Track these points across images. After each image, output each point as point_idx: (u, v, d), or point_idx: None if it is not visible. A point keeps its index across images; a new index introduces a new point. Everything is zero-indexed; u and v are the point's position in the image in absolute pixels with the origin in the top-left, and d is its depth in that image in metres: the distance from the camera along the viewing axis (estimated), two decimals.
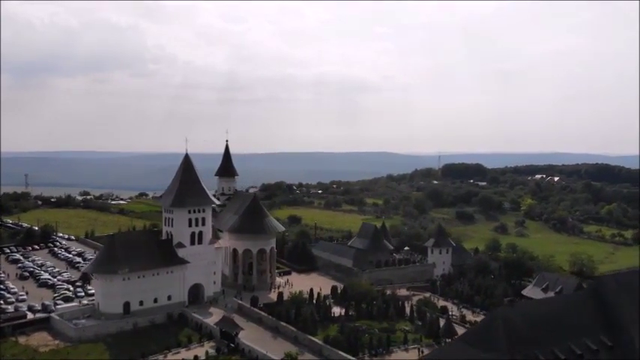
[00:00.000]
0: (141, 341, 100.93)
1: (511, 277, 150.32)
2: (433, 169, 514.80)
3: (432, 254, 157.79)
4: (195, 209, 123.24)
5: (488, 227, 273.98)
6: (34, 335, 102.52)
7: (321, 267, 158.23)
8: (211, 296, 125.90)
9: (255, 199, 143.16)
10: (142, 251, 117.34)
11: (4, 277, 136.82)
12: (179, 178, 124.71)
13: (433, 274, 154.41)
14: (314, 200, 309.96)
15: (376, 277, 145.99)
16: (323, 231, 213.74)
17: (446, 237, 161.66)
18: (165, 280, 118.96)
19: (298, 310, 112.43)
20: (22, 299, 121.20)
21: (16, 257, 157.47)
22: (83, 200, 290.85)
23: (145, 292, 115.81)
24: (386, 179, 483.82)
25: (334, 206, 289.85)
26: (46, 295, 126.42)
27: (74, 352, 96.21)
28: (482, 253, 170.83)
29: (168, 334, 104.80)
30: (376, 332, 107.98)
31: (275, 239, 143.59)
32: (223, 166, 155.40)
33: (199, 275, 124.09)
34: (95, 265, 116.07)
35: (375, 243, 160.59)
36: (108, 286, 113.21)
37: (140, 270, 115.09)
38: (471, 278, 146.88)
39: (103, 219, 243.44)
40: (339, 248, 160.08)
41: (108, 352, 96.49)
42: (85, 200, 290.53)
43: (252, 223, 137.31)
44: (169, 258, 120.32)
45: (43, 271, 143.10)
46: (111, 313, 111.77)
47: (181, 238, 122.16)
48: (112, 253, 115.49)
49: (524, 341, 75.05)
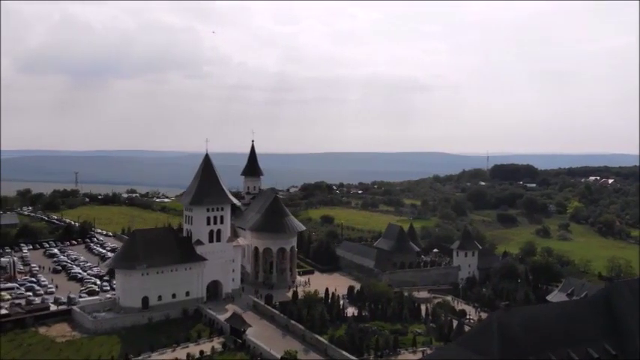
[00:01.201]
0: (153, 335, 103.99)
1: (539, 282, 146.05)
2: (481, 170, 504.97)
3: (457, 257, 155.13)
4: (213, 208, 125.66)
5: (529, 230, 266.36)
6: (54, 326, 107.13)
7: (343, 267, 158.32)
8: (229, 293, 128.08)
9: (276, 199, 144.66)
10: (161, 248, 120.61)
11: (38, 271, 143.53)
12: (199, 177, 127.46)
13: (458, 277, 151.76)
14: (351, 200, 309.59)
15: (398, 278, 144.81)
16: (355, 231, 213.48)
17: (472, 239, 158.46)
18: (183, 276, 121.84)
19: (310, 309, 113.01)
20: (50, 292, 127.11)
21: (53, 252, 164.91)
22: (128, 198, 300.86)
23: (163, 288, 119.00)
24: (431, 180, 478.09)
25: (371, 207, 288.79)
26: (75, 288, 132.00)
27: (89, 343, 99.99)
28: (511, 257, 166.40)
29: (181, 329, 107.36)
30: (386, 333, 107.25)
31: (295, 238, 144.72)
32: (249, 166, 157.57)
33: (217, 272, 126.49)
34: (115, 261, 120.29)
35: (400, 244, 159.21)
36: (127, 280, 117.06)
37: (159, 266, 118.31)
38: (495, 282, 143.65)
39: (144, 216, 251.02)
40: (363, 249, 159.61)
41: (120, 345, 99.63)
42: (129, 198, 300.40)
43: (273, 222, 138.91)
44: (188, 255, 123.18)
45: (75, 266, 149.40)
46: (130, 307, 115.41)
47: (200, 236, 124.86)
48: (133, 249, 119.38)
49: (519, 346, 73.34)
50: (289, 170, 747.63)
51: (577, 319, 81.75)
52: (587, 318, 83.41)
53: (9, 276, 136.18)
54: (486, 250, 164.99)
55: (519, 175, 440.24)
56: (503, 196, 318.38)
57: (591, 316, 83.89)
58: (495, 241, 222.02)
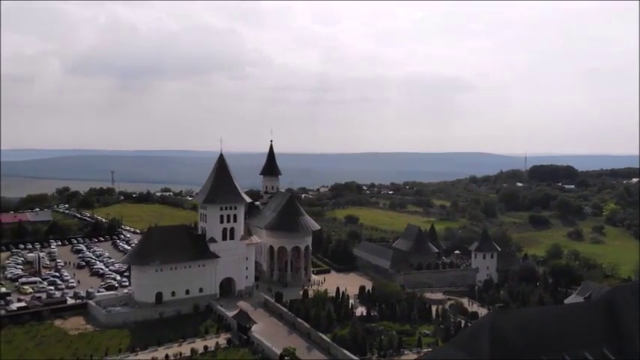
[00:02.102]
0: (163, 329, 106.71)
1: (558, 285, 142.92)
2: (519, 171, 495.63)
3: (475, 258, 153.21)
4: (226, 206, 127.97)
5: (562, 233, 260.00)
6: (70, 319, 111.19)
7: (360, 267, 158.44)
8: (243, 290, 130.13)
9: (291, 199, 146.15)
10: (175, 245, 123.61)
11: (63, 266, 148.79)
12: (213, 176, 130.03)
13: (475, 279, 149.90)
14: (379, 201, 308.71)
15: (412, 279, 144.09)
16: (378, 232, 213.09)
17: (490, 241, 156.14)
18: (196, 272, 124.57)
19: (317, 308, 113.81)
20: (71, 286, 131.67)
21: (79, 248, 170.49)
22: (161, 196, 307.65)
23: (176, 284, 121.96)
24: (467, 181, 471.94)
25: (399, 207, 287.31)
26: (96, 283, 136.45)
27: (99, 336, 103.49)
28: (532, 259, 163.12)
29: (190, 325, 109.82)
30: (393, 334, 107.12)
31: (310, 238, 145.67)
32: (267, 166, 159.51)
33: (231, 269, 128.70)
34: (130, 257, 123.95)
35: (418, 245, 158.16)
36: (141, 276, 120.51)
37: (172, 262, 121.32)
38: (511, 284, 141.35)
39: (174, 214, 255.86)
40: (379, 249, 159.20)
41: (129, 338, 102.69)
42: (162, 196, 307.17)
43: (287, 221, 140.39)
44: (202, 252, 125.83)
45: (99, 261, 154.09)
46: (144, 302, 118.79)
47: (213, 234, 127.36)
48: (147, 245, 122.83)
49: (510, 347, 72.42)
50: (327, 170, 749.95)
51: (576, 323, 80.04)
52: (587, 321, 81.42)
53: (34, 270, 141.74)
54: (507, 252, 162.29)
55: (558, 176, 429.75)
56: (538, 198, 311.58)
57: (591, 320, 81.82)
58: (523, 243, 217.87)
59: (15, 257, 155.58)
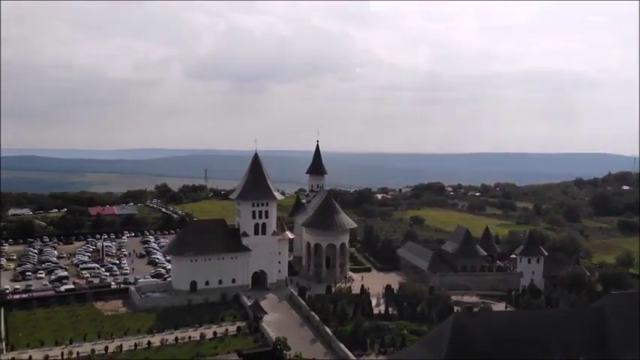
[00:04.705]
0: (186, 315, 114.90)
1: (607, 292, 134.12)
2: (629, 173, 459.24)
3: (520, 263, 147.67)
4: (258, 203, 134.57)
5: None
6: (110, 302, 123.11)
7: (402, 267, 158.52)
8: (274, 283, 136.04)
9: (329, 197, 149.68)
10: (211, 237, 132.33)
11: (125, 255, 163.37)
12: (247, 174, 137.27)
13: (519, 284, 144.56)
14: (458, 202, 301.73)
15: (448, 281, 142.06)
16: (441, 233, 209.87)
17: (537, 245, 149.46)
18: (229, 264, 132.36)
19: (335, 304, 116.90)
20: (124, 272, 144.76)
21: (148, 239, 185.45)
22: None
23: (210, 274, 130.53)
24: (570, 183, 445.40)
25: (478, 209, 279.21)
26: (149, 271, 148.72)
27: (129, 318, 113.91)
28: (583, 265, 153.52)
29: (213, 312, 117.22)
30: (404, 333, 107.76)
31: (347, 235, 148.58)
32: (313, 165, 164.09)
33: (263, 263, 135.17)
34: (169, 247, 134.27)
35: (465, 247, 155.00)
36: (178, 265, 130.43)
37: (207, 254, 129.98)
38: (556, 290, 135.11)
39: None
40: (422, 250, 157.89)
41: (153, 321, 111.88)
42: None
43: (323, 219, 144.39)
44: (235, 245, 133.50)
45: (159, 252, 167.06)
46: (180, 289, 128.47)
47: (246, 228, 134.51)
48: (185, 237, 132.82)
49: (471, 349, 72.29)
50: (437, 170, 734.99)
51: (558, 330, 77.50)
52: (571, 329, 78.49)
53: (98, 258, 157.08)
54: (558, 257, 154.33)
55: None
56: (633, 202, 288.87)
57: (576, 328, 78.74)
58: (601, 249, 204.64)
59: (87, 246, 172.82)
